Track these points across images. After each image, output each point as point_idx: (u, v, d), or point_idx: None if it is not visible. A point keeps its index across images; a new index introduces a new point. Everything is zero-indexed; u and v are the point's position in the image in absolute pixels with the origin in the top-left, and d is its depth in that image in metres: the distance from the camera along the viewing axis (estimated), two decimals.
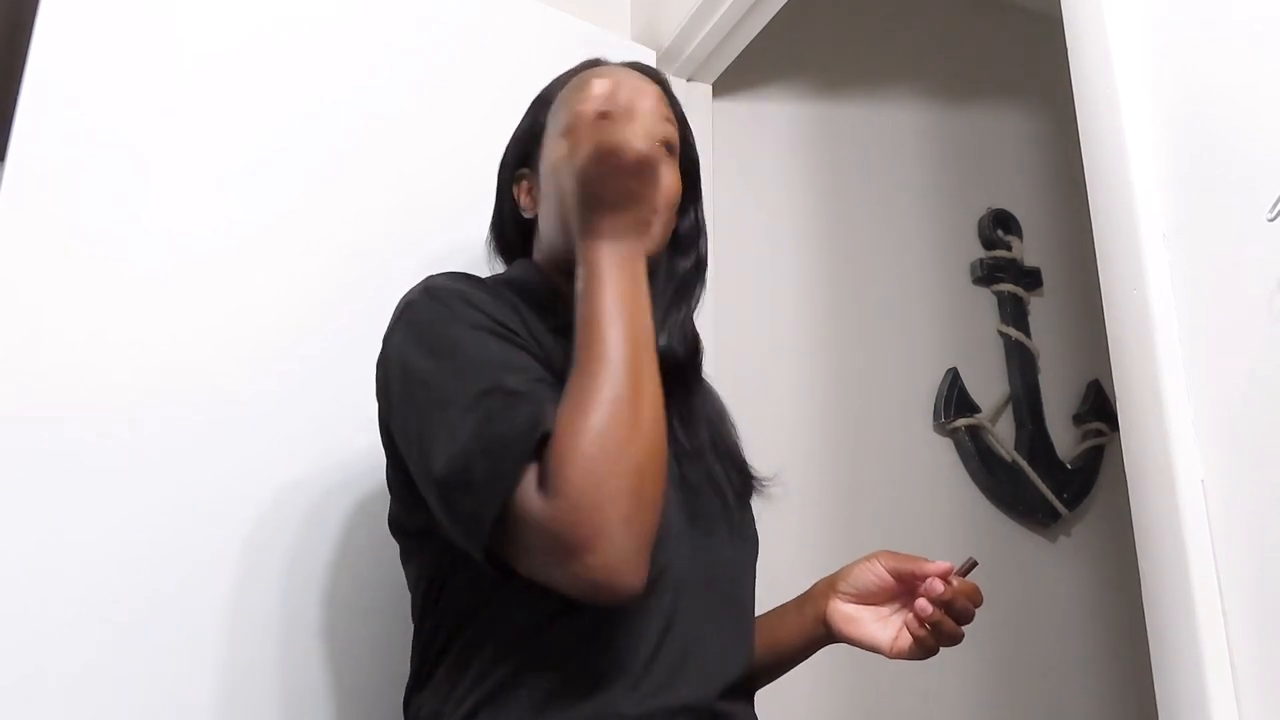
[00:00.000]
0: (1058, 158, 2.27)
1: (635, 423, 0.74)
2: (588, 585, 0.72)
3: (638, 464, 0.73)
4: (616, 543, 0.71)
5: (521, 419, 0.74)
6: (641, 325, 0.78)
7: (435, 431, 0.77)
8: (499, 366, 0.79)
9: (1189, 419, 0.85)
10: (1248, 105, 0.84)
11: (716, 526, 0.93)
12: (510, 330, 0.84)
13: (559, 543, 0.71)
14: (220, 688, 1.07)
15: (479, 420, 0.75)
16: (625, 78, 0.97)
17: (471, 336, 0.82)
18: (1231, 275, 0.84)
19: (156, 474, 1.08)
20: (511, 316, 0.86)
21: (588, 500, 0.71)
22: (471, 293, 0.86)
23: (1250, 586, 0.79)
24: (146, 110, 1.17)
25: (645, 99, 0.90)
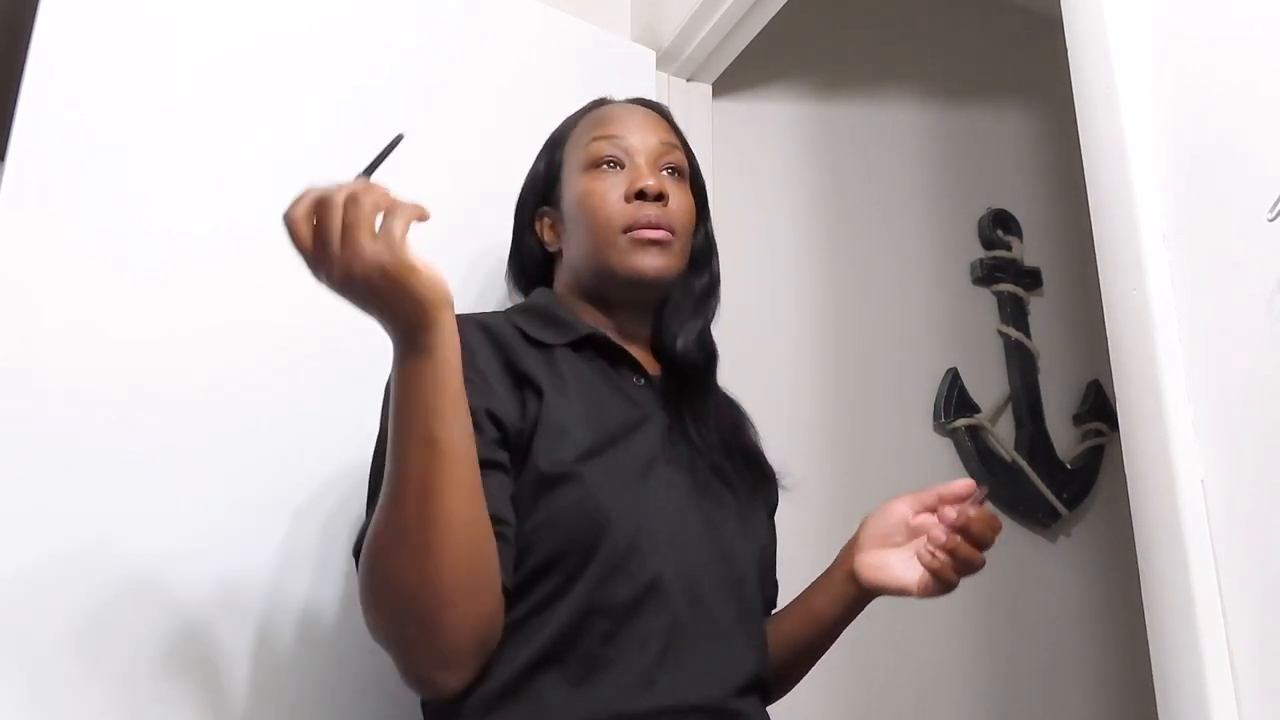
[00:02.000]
0: (1058, 158, 2.27)
1: (402, 549, 0.75)
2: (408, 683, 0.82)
3: (408, 591, 0.76)
4: (405, 660, 0.80)
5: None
6: (418, 435, 0.75)
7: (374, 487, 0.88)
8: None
9: (1189, 419, 0.85)
10: (1247, 105, 0.84)
11: (726, 522, 0.94)
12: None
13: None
14: (241, 687, 1.07)
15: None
16: (629, 114, 1.06)
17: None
18: (1231, 275, 0.84)
19: (155, 475, 1.08)
20: (487, 360, 0.91)
21: (370, 621, 0.80)
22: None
23: (1250, 586, 0.79)
24: (146, 111, 1.17)
25: (651, 134, 1.04)
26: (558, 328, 1.00)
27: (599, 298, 1.04)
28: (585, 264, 1.02)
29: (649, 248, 0.98)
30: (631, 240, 0.98)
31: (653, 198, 0.99)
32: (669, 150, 1.05)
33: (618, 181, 1.01)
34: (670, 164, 1.04)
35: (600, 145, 1.03)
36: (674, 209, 1.01)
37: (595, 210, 1.00)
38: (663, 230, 0.99)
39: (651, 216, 0.98)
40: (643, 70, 1.65)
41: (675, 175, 1.04)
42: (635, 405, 0.98)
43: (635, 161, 1.02)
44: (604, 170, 1.02)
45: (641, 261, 0.98)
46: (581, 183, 1.03)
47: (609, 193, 1.00)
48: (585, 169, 1.03)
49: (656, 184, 0.99)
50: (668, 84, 1.77)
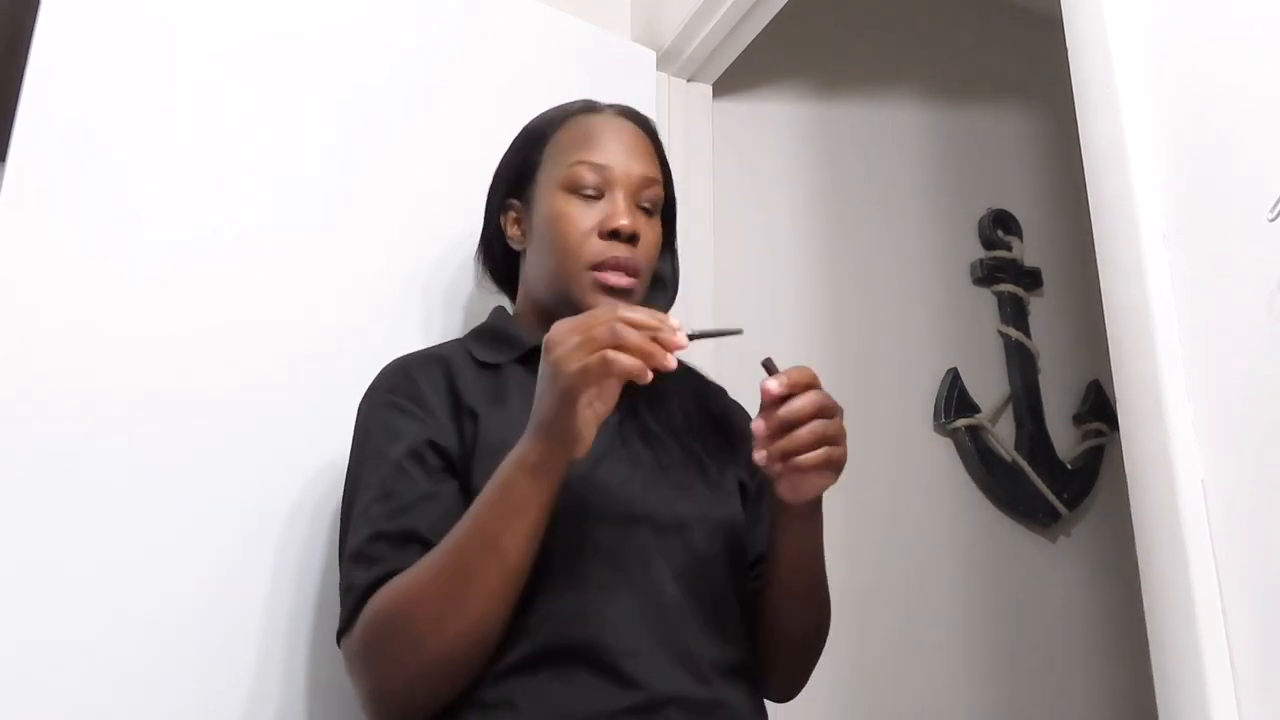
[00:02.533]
0: (1058, 158, 2.28)
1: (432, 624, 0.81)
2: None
3: (418, 662, 0.82)
4: (374, 709, 0.85)
5: (360, 579, 0.87)
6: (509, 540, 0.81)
7: (341, 537, 0.94)
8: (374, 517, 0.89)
9: (1189, 419, 0.85)
10: (1248, 105, 0.84)
11: (684, 510, 0.95)
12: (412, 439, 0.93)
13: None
14: (234, 691, 1.07)
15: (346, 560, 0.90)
16: (616, 138, 1.04)
17: (364, 474, 0.93)
18: (1231, 275, 0.84)
19: (154, 476, 1.08)
20: (433, 390, 0.97)
21: (358, 667, 0.86)
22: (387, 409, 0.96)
23: (1250, 586, 0.79)
24: (146, 112, 1.17)
25: (636, 165, 1.03)
26: (506, 345, 1.03)
27: (555, 314, 1.01)
28: (546, 285, 1.03)
29: (612, 294, 0.99)
30: (595, 281, 0.99)
31: (625, 238, 0.99)
32: (649, 185, 1.04)
33: (593, 212, 1.01)
34: (648, 201, 1.04)
35: (582, 172, 1.02)
36: (643, 248, 1.01)
37: (565, 237, 1.00)
38: (629, 278, 0.99)
39: (621, 258, 0.99)
40: (643, 70, 1.65)
41: (649, 211, 1.05)
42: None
43: (614, 195, 1.01)
44: (581, 197, 1.02)
45: (600, 302, 0.98)
46: (557, 202, 1.02)
47: (582, 222, 1.00)
48: (563, 188, 1.03)
49: (631, 224, 0.99)
50: (668, 84, 1.77)
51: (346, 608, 0.87)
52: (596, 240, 1.00)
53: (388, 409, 0.96)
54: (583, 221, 1.00)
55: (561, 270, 1.01)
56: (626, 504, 0.92)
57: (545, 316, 1.03)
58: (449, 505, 0.88)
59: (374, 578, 0.85)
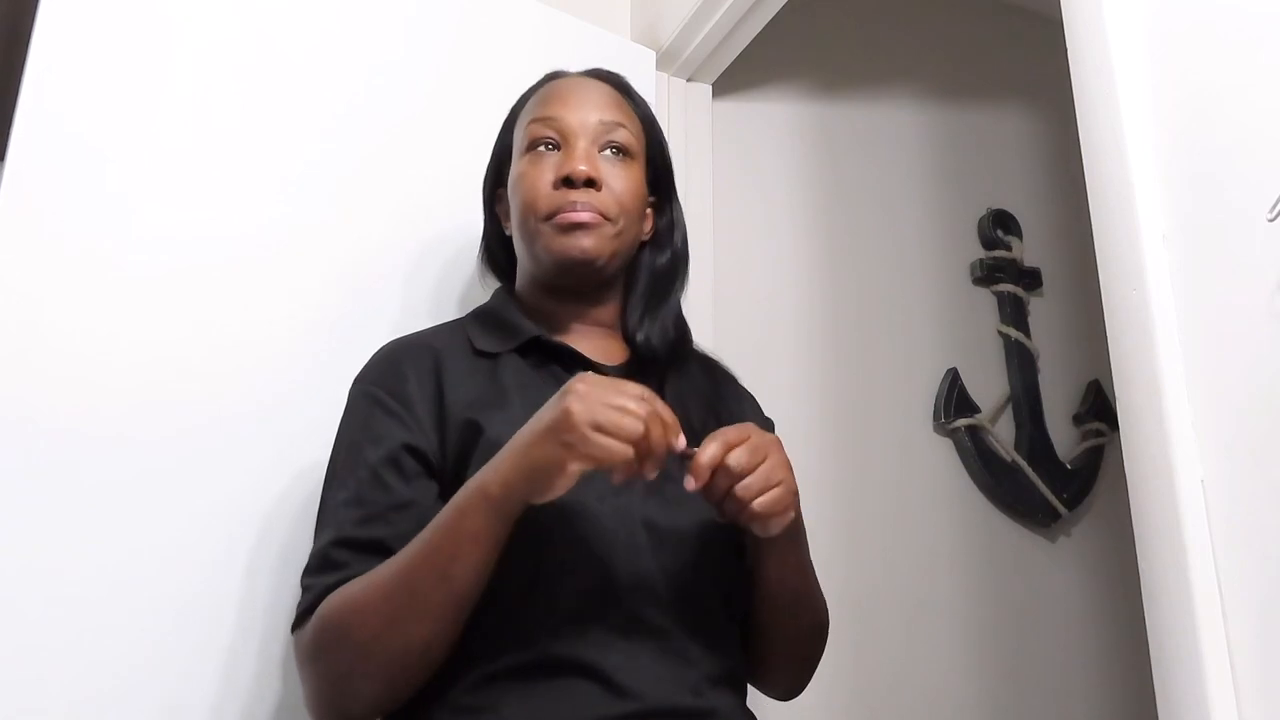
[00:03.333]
0: (1058, 158, 2.28)
1: (374, 639, 0.80)
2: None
3: (359, 671, 0.81)
4: (315, 707, 0.85)
5: (318, 581, 0.86)
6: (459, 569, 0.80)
7: (320, 508, 0.93)
8: (342, 521, 0.88)
9: (1189, 419, 0.85)
10: (1248, 105, 0.84)
11: (682, 516, 0.91)
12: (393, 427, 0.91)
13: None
14: (225, 689, 1.07)
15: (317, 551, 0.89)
16: (572, 91, 1.02)
17: (338, 469, 0.92)
18: (1231, 275, 0.84)
19: (153, 476, 1.08)
20: (419, 387, 0.93)
21: (304, 665, 0.85)
22: (370, 404, 0.94)
23: (1250, 586, 0.79)
24: (146, 112, 1.17)
25: (593, 111, 1.00)
26: (506, 333, 0.99)
27: (548, 286, 1.03)
28: (523, 249, 1.02)
29: (572, 231, 0.96)
30: (554, 225, 0.97)
31: (580, 184, 0.96)
32: (611, 129, 1.00)
33: (550, 165, 0.98)
34: (614, 143, 1.00)
35: (536, 127, 1.00)
36: (608, 193, 0.97)
37: (525, 196, 0.99)
38: (588, 213, 0.96)
39: (577, 203, 0.96)
40: (643, 70, 1.65)
41: (619, 154, 1.00)
42: None
43: (571, 144, 0.99)
44: (540, 153, 0.99)
45: (564, 244, 0.96)
46: (519, 166, 1.01)
47: (540, 177, 0.98)
48: (524, 151, 1.01)
49: (586, 169, 0.96)
50: (668, 84, 1.77)
51: (303, 604, 0.86)
52: (552, 191, 0.97)
53: (370, 404, 0.93)
54: (539, 176, 0.98)
55: (526, 229, 0.99)
56: (624, 512, 0.89)
57: (543, 290, 1.02)
58: (421, 514, 0.86)
59: (332, 583, 0.85)
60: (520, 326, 0.99)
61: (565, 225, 0.96)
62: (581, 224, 0.96)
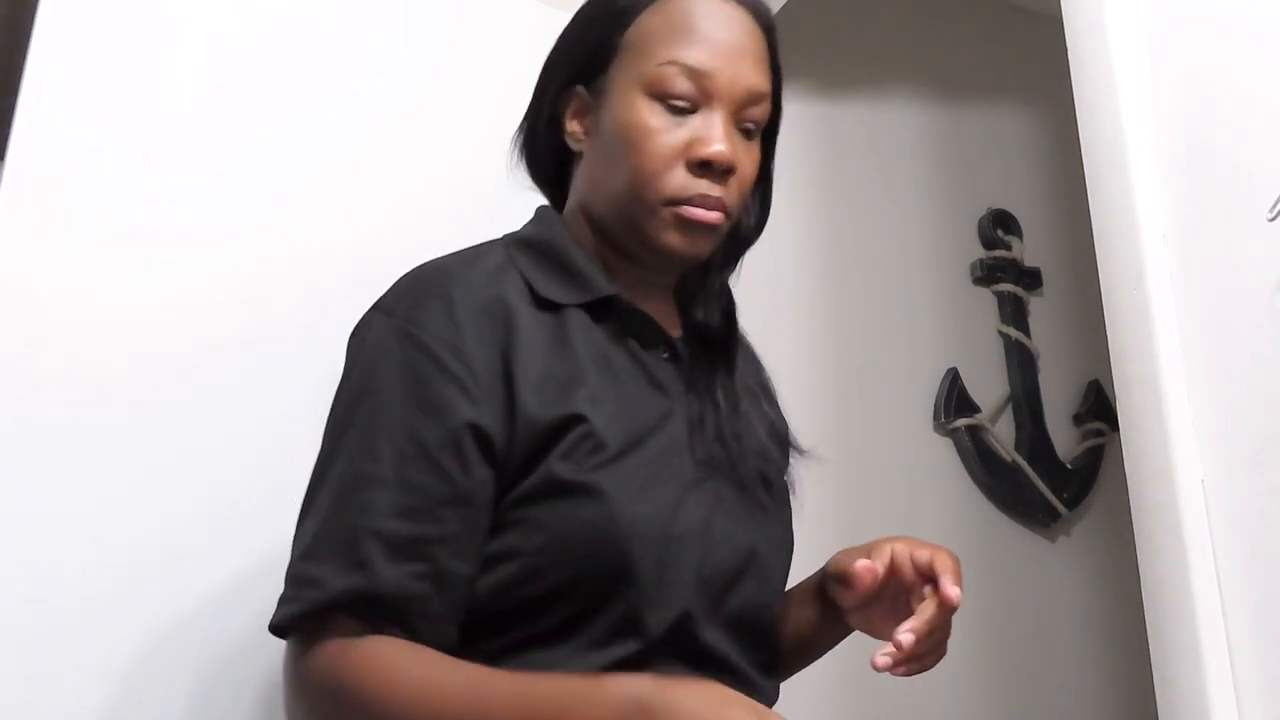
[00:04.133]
0: (1058, 158, 2.27)
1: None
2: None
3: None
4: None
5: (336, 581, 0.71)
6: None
7: (311, 496, 0.77)
8: (375, 509, 0.72)
9: (1189, 419, 0.85)
10: (1247, 105, 0.84)
11: (760, 535, 0.84)
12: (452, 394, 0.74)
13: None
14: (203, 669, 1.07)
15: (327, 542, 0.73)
16: (726, 35, 0.82)
17: (366, 439, 0.74)
18: (1231, 275, 0.84)
19: (154, 474, 1.09)
20: (479, 345, 0.76)
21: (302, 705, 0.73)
22: (419, 355, 0.76)
23: (1250, 586, 0.79)
24: (146, 112, 1.17)
25: (743, 75, 0.81)
26: (572, 282, 0.82)
27: (615, 244, 0.85)
28: (610, 206, 0.83)
29: (694, 229, 0.80)
30: (675, 215, 0.79)
31: (719, 172, 0.80)
32: (756, 100, 0.82)
33: (682, 130, 0.80)
34: (752, 120, 0.83)
35: (674, 77, 0.79)
36: (735, 183, 0.82)
37: (644, 160, 0.79)
38: (716, 213, 0.80)
39: (709, 196, 0.80)
40: None
41: (751, 134, 0.84)
42: (660, 389, 0.83)
43: (712, 114, 0.80)
44: (669, 108, 0.80)
45: (680, 242, 0.81)
46: (637, 108, 0.80)
47: (667, 142, 0.79)
48: (647, 92, 0.80)
49: (729, 155, 0.79)
50: None
51: (308, 604, 0.71)
52: (681, 170, 0.79)
53: (419, 355, 0.75)
54: (667, 141, 0.79)
55: (634, 197, 0.80)
56: (704, 547, 0.78)
57: (602, 240, 0.85)
58: (475, 515, 0.73)
59: (355, 589, 0.70)
60: (591, 278, 0.83)
61: (689, 222, 0.80)
62: (707, 224, 0.80)
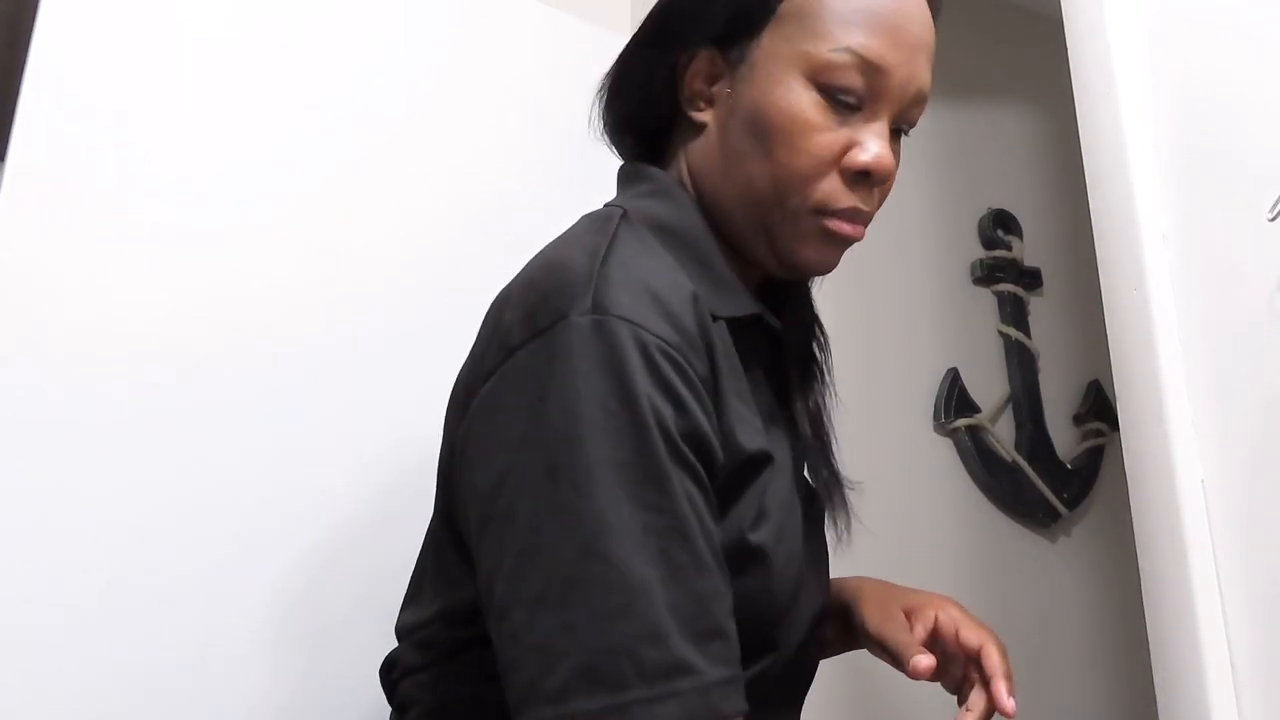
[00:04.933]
0: (1058, 158, 2.27)
1: None
2: None
3: None
4: None
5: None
6: None
7: (535, 624, 0.57)
8: (651, 620, 0.56)
9: (1189, 419, 0.85)
10: (1247, 105, 0.84)
11: (825, 570, 0.85)
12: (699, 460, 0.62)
13: None
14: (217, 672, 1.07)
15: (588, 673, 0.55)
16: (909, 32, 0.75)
17: (634, 519, 0.57)
18: (1231, 275, 0.84)
19: (154, 473, 1.09)
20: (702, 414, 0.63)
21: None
22: (669, 431, 0.60)
23: (1250, 586, 0.79)
24: (146, 111, 1.17)
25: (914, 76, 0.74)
26: (723, 293, 0.73)
27: (733, 239, 0.77)
28: (740, 202, 0.74)
29: (836, 243, 0.74)
30: (820, 228, 0.72)
31: (876, 183, 0.73)
32: (919, 103, 0.76)
33: (843, 130, 0.71)
34: (909, 122, 0.76)
35: (849, 68, 0.70)
36: (884, 190, 0.76)
37: (796, 158, 0.71)
38: (862, 228, 0.74)
39: (861, 211, 0.73)
40: None
41: (905, 135, 0.78)
42: (779, 415, 0.78)
43: (878, 116, 0.72)
44: (834, 102, 0.71)
45: (816, 255, 0.74)
46: (796, 95, 0.71)
47: (826, 143, 0.71)
48: (810, 77, 0.71)
49: (891, 166, 0.73)
50: None
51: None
52: (835, 177, 0.72)
53: (663, 444, 0.59)
54: (827, 142, 0.71)
55: (775, 198, 0.72)
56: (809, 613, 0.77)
57: (718, 233, 0.76)
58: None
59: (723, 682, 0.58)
60: (739, 291, 0.74)
61: (834, 236, 0.73)
62: (851, 240, 0.74)
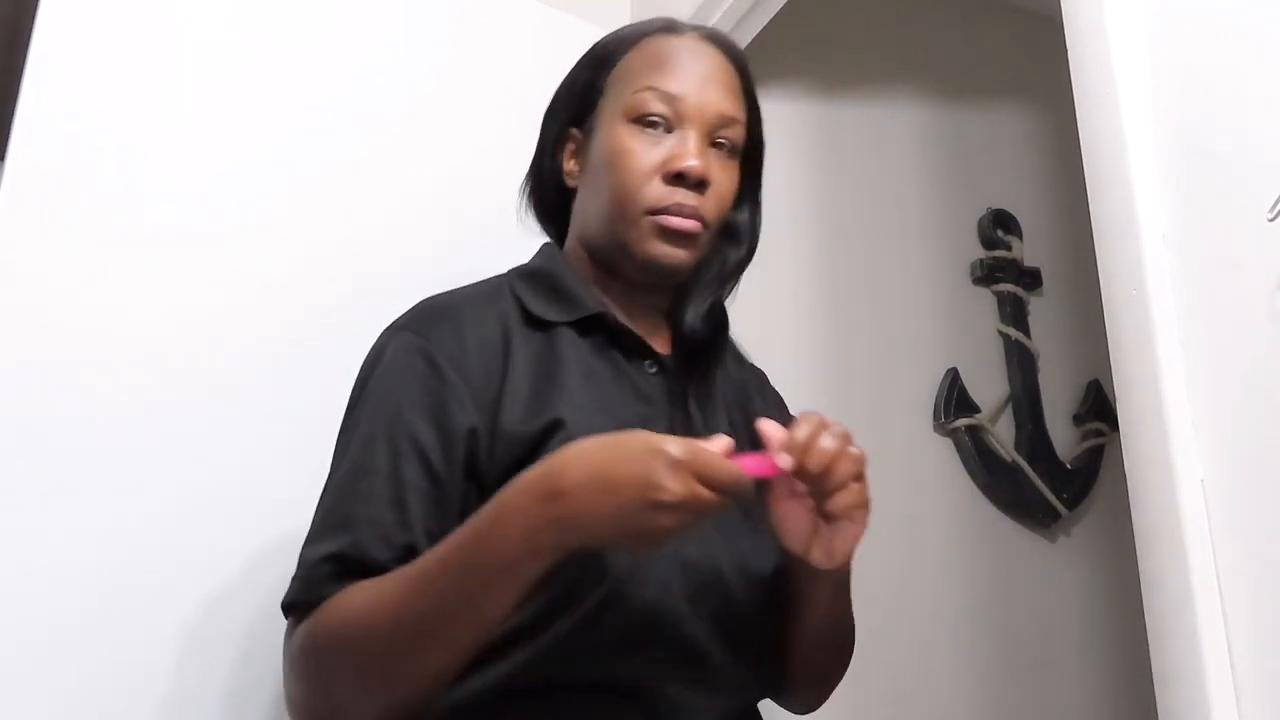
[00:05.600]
0: (1058, 158, 2.27)
1: (382, 658, 0.73)
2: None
3: (357, 689, 0.74)
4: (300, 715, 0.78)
5: (325, 575, 0.77)
6: (489, 603, 0.72)
7: (324, 489, 0.84)
8: (370, 497, 0.79)
9: (1189, 419, 0.85)
10: (1247, 105, 0.84)
11: (731, 538, 0.87)
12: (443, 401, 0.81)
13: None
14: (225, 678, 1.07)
15: (323, 528, 0.80)
16: (694, 63, 0.92)
17: (375, 428, 0.82)
18: (1231, 275, 0.84)
19: (156, 471, 1.09)
20: (480, 361, 0.84)
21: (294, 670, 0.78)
22: (424, 364, 0.83)
23: (1250, 586, 0.79)
24: (146, 111, 1.17)
25: (713, 99, 0.90)
26: (563, 303, 0.90)
27: (609, 266, 0.94)
28: (599, 228, 0.92)
29: (673, 238, 0.88)
30: (655, 225, 0.88)
31: (692, 183, 0.88)
32: (728, 124, 0.91)
33: (658, 149, 0.89)
34: (725, 138, 0.92)
35: (649, 100, 0.89)
36: (712, 196, 0.90)
37: (624, 176, 0.88)
38: (692, 222, 0.88)
39: (684, 205, 0.87)
40: None
41: (726, 151, 0.92)
42: (644, 400, 0.89)
43: (685, 131, 0.89)
44: (646, 130, 0.89)
45: (660, 250, 0.88)
46: (618, 134, 0.90)
47: (644, 159, 0.88)
48: (626, 117, 0.90)
49: (700, 167, 0.88)
50: None
51: (303, 591, 0.78)
52: (659, 182, 0.88)
53: (427, 367, 0.82)
54: (645, 158, 0.88)
55: (617, 212, 0.89)
56: (671, 556, 0.82)
57: (597, 265, 0.94)
58: (452, 517, 0.78)
59: (333, 552, 0.77)
60: (581, 298, 0.91)
61: (667, 230, 0.88)
62: (685, 233, 0.88)
